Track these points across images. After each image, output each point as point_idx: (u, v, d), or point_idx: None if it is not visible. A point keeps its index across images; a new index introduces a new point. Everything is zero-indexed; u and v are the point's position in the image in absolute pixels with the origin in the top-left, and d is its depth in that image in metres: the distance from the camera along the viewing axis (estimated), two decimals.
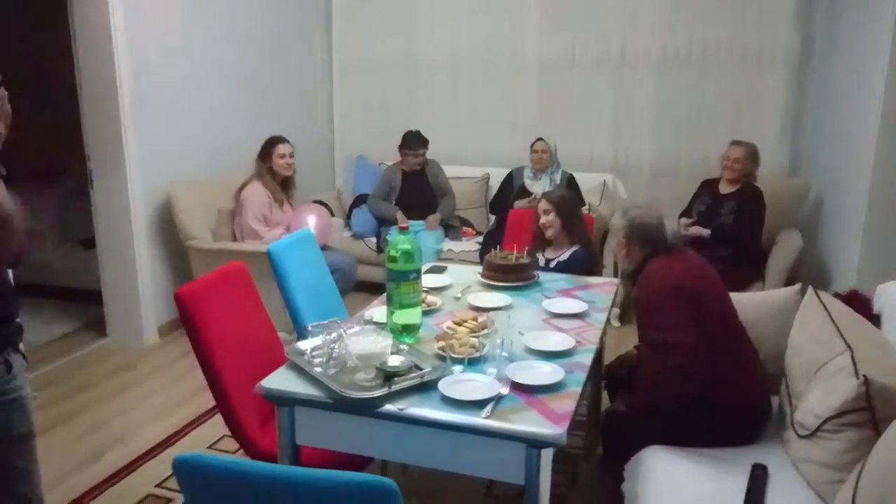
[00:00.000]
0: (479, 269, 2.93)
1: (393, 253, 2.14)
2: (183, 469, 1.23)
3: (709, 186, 4.33)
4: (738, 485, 1.94)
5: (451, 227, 5.07)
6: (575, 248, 3.20)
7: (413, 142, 4.94)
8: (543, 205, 3.23)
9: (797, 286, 2.59)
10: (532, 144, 4.78)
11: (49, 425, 3.25)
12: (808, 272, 4.45)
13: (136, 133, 4.00)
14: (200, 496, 1.28)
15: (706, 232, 4.10)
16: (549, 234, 3.22)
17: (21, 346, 1.65)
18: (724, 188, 4.22)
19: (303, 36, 5.50)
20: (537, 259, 3.21)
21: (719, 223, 4.11)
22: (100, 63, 3.86)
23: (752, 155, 4.18)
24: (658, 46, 5.05)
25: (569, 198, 3.37)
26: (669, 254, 2.36)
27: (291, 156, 4.22)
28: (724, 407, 2.18)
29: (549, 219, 3.19)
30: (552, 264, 3.19)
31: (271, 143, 4.18)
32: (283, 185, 4.27)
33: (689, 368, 2.11)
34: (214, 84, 4.58)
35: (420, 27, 5.57)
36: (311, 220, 4.16)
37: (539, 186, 4.72)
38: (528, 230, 3.34)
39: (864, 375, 1.81)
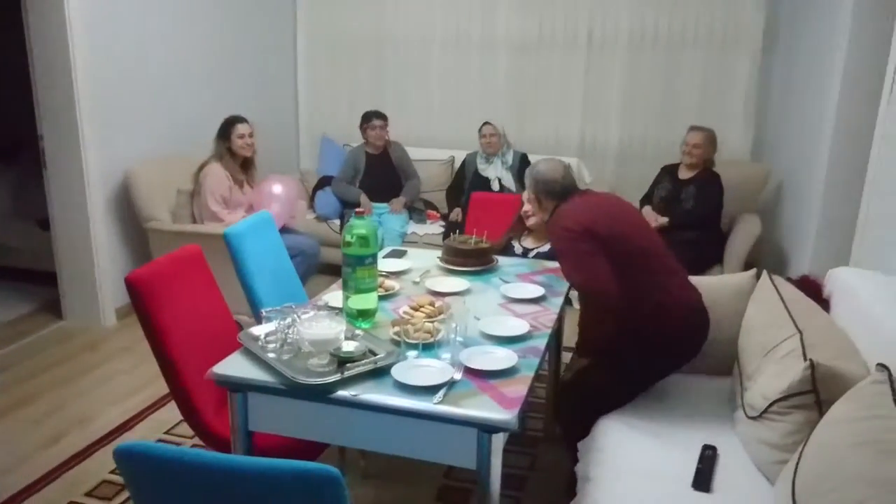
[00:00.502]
0: (439, 253, 2.92)
1: (348, 238, 2.12)
2: (124, 459, 1.22)
3: (669, 172, 4.37)
4: (687, 464, 1.98)
5: (416, 210, 5.05)
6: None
7: (369, 115, 4.86)
8: (524, 196, 3.14)
9: (753, 270, 2.64)
10: (480, 129, 4.79)
11: (6, 408, 3.20)
12: (767, 257, 4.53)
13: (92, 111, 3.90)
14: (143, 487, 1.26)
15: (664, 220, 4.15)
16: (530, 223, 3.13)
17: None
18: (684, 173, 4.27)
19: (266, 11, 5.38)
20: (513, 246, 3.19)
21: (680, 209, 4.16)
22: (53, 40, 3.75)
23: (711, 140, 4.23)
24: (627, 28, 5.07)
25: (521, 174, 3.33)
26: (577, 196, 2.44)
27: (251, 136, 4.11)
28: (652, 329, 2.27)
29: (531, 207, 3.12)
30: (531, 254, 3.15)
31: (230, 123, 4.09)
32: (244, 167, 4.18)
33: (612, 296, 2.21)
34: (173, 60, 4.48)
35: (389, 4, 5.50)
36: (277, 189, 4.07)
37: (492, 170, 4.74)
38: (490, 215, 3.32)
39: (811, 359, 1.85)
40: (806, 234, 3.81)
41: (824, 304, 2.44)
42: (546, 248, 3.14)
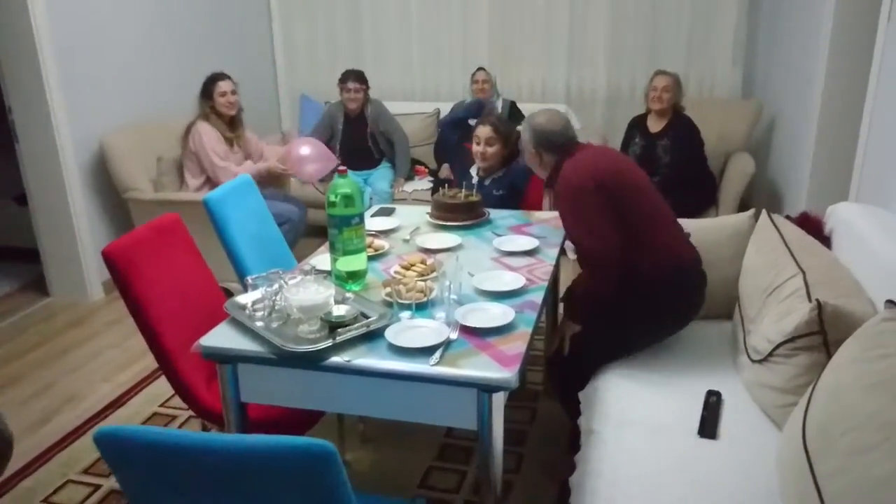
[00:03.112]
0: (429, 209, 2.83)
1: (332, 198, 2.03)
2: (105, 444, 1.15)
3: (638, 126, 4.22)
4: (692, 412, 1.94)
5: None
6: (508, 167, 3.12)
7: (345, 75, 4.64)
8: (487, 132, 3.02)
9: (751, 211, 2.57)
10: (472, 75, 4.69)
11: None
12: (762, 195, 4.47)
13: (61, 80, 3.75)
14: (128, 472, 1.20)
15: None
16: (485, 164, 3.07)
17: None
18: (655, 125, 4.12)
19: None
20: (470, 175, 3.18)
21: (660, 164, 4.04)
22: (13, 9, 3.57)
23: (678, 83, 4.08)
24: None
25: (507, 123, 3.22)
26: (575, 150, 2.32)
27: (234, 93, 3.95)
28: (657, 289, 2.21)
29: (491, 150, 3.03)
30: (487, 181, 3.10)
31: (211, 81, 3.92)
32: (231, 126, 4.01)
33: (616, 260, 2.16)
34: (141, 22, 4.31)
35: None
36: (305, 151, 3.95)
37: None
38: None
39: (817, 299, 1.79)
40: (801, 170, 3.73)
41: (825, 241, 2.38)
42: (500, 172, 3.12)
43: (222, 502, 1.17)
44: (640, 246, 2.18)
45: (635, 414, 1.99)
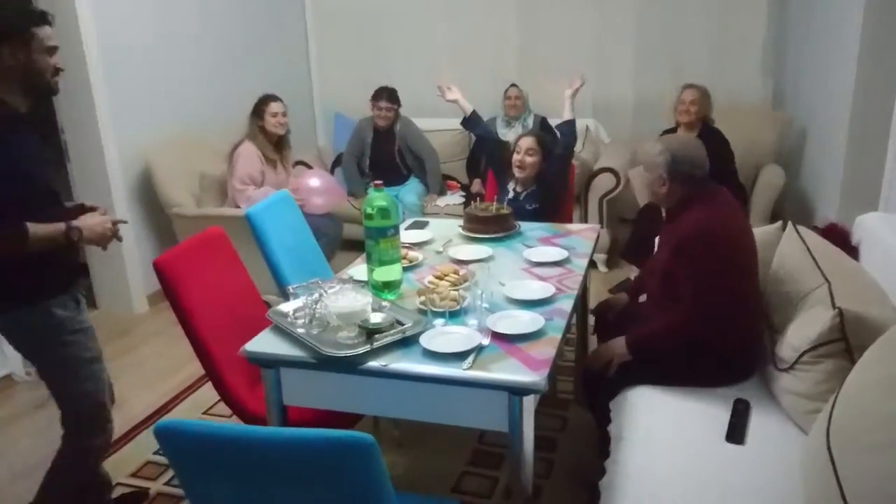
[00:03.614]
0: (461, 221, 2.92)
1: (369, 210, 2.13)
2: (164, 436, 1.25)
3: None
4: (720, 418, 1.99)
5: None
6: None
7: (378, 93, 4.77)
8: (530, 142, 3.14)
9: (779, 223, 2.60)
10: (505, 91, 4.76)
11: (43, 398, 3.27)
12: (793, 207, 4.47)
13: (109, 101, 3.93)
14: (184, 462, 1.30)
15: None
16: (523, 172, 3.16)
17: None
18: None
19: None
20: (507, 189, 3.26)
21: None
22: (65, 30, 3.76)
23: (706, 95, 4.11)
24: None
25: (547, 139, 3.32)
26: (710, 195, 2.24)
27: (284, 114, 4.09)
28: (727, 351, 2.19)
29: (530, 160, 3.14)
30: (522, 195, 3.20)
31: (263, 102, 4.07)
32: (277, 146, 4.14)
33: (710, 323, 2.12)
34: (185, 44, 4.49)
35: None
36: (315, 183, 4.08)
37: (513, 134, 4.69)
38: None
39: (839, 307, 1.83)
40: (832, 181, 3.74)
41: (852, 251, 2.41)
42: (534, 186, 3.20)
43: (270, 490, 1.25)
44: (735, 309, 2.16)
45: (665, 420, 2.04)
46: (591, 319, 2.82)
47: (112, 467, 2.73)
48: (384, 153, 4.86)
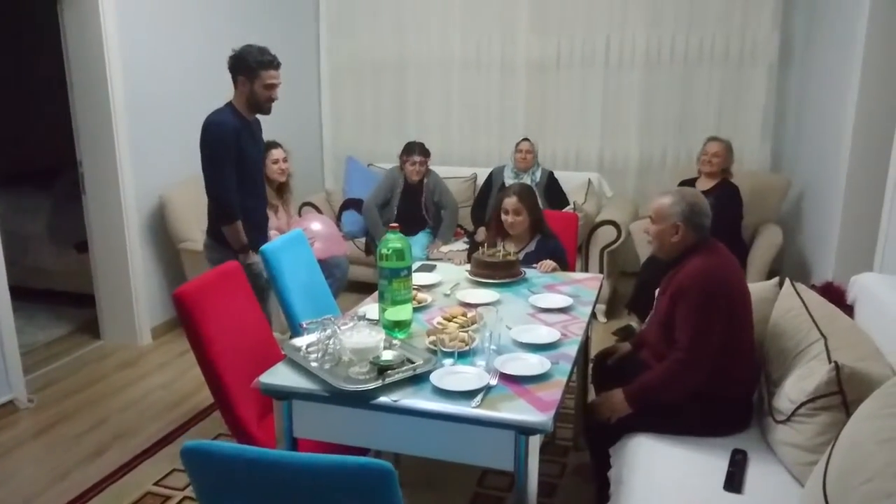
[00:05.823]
0: (468, 267, 3.00)
1: (385, 251, 2.21)
2: (191, 457, 1.30)
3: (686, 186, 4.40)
4: (718, 468, 2.03)
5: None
6: (537, 237, 3.21)
7: (410, 148, 4.89)
8: (513, 203, 3.13)
9: (776, 279, 2.68)
10: (517, 144, 4.87)
11: (49, 424, 3.31)
12: (790, 266, 4.56)
13: (129, 137, 4.05)
14: (208, 483, 1.35)
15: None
16: (514, 231, 3.17)
17: None
18: (703, 185, 4.30)
19: (291, 36, 5.53)
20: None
21: None
22: (90, 67, 3.91)
23: (729, 149, 4.29)
24: (644, 46, 5.14)
25: (531, 191, 3.31)
26: (711, 246, 2.35)
27: (285, 161, 4.17)
28: (723, 400, 2.25)
29: (519, 219, 3.14)
30: (520, 256, 3.19)
31: (265, 148, 4.18)
32: (278, 192, 4.22)
33: (707, 372, 2.20)
34: (203, 85, 4.62)
35: (409, 27, 5.63)
36: (316, 227, 4.15)
37: None
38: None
39: (836, 361, 1.90)
40: (828, 242, 3.84)
41: (848, 309, 2.48)
42: (532, 246, 3.18)
43: None
44: (731, 357, 2.24)
45: (664, 467, 2.09)
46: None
47: (113, 497, 2.76)
48: (411, 204, 4.96)
